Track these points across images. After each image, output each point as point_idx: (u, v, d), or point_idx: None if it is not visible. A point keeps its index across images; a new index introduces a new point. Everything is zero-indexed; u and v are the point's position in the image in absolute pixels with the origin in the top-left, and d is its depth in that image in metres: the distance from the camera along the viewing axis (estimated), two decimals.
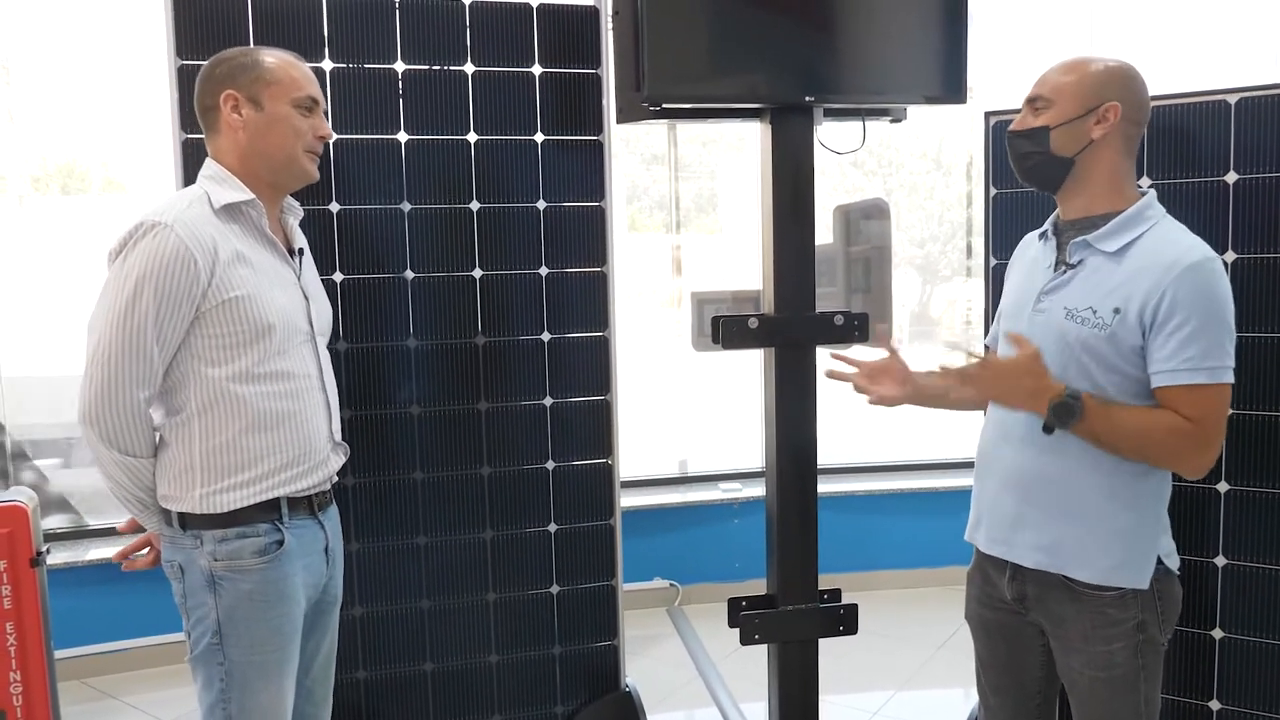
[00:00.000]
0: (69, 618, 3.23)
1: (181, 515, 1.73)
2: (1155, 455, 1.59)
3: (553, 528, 2.57)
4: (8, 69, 3.73)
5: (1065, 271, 1.67)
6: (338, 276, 2.36)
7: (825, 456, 2.40)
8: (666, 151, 4.18)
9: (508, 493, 2.52)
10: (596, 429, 2.56)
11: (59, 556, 3.35)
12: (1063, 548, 1.66)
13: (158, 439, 1.75)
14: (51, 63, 3.61)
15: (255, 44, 2.21)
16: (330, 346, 2.28)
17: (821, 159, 2.29)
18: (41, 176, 3.83)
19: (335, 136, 2.31)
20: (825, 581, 2.39)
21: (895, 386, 1.90)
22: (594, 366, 2.54)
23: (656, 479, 4.10)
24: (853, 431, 4.00)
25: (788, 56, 2.11)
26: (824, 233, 2.50)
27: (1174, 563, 1.69)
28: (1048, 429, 1.58)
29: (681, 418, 4.35)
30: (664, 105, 2.12)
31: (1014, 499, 1.72)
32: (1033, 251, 1.79)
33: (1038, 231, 1.79)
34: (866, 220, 2.71)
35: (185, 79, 2.22)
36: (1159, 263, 1.56)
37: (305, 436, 1.78)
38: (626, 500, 3.79)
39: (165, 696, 3.24)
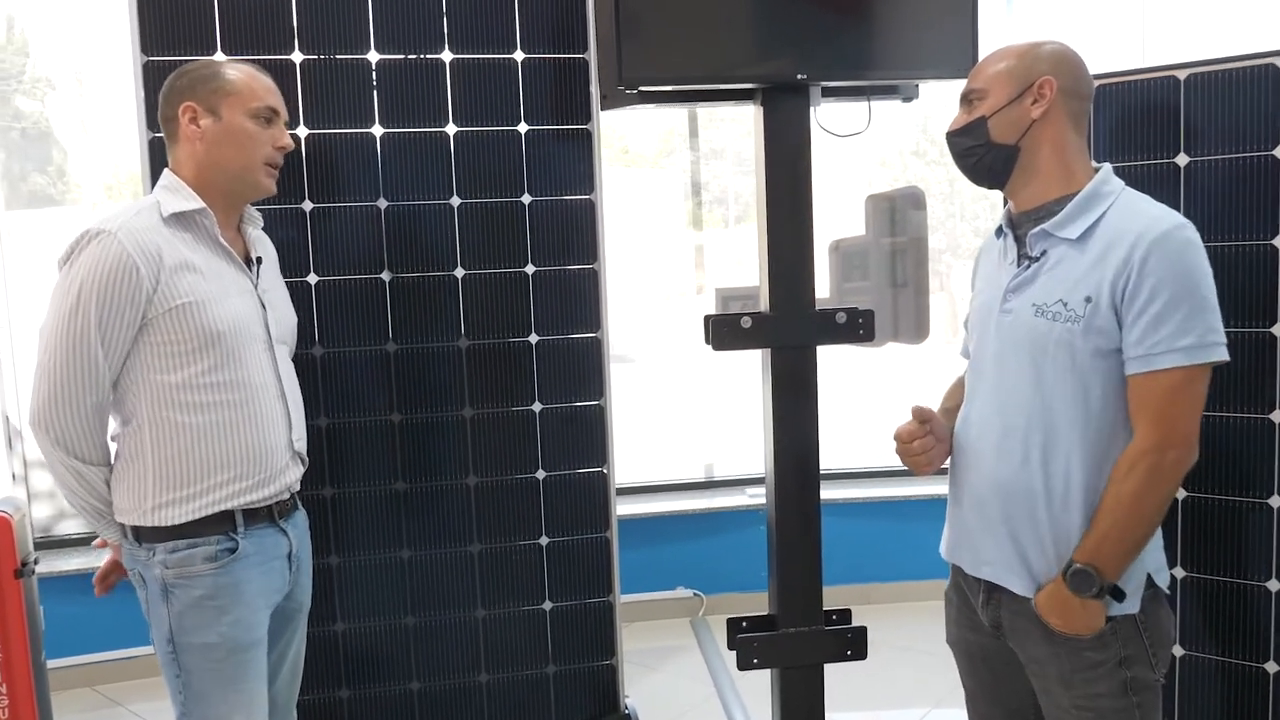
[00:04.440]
0: (81, 624, 3.21)
1: (135, 528, 1.73)
2: (1158, 498, 1.43)
3: (545, 541, 2.46)
4: (80, 80, 3.81)
5: (1028, 266, 1.54)
6: (312, 278, 2.29)
7: (841, 459, 2.22)
8: (688, 140, 4.02)
9: (496, 504, 2.42)
10: (590, 436, 2.45)
11: (73, 562, 3.33)
12: (1027, 558, 1.50)
13: (113, 451, 1.75)
14: (122, 72, 3.67)
15: (222, 38, 2.19)
16: (304, 352, 2.22)
17: (878, 148, 2.12)
18: (114, 184, 3.93)
19: (307, 132, 2.25)
20: (849, 594, 2.21)
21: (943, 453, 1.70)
22: (586, 370, 2.43)
23: (680, 484, 3.98)
24: (866, 431, 3.80)
25: (779, 31, 1.95)
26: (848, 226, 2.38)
27: (1163, 580, 1.52)
28: (1098, 595, 1.45)
29: (708, 420, 4.21)
30: (642, 89, 1.96)
31: (987, 509, 1.54)
32: (993, 252, 1.64)
33: (995, 229, 1.65)
34: (901, 210, 2.52)
35: (151, 76, 2.18)
36: (1124, 239, 1.43)
37: (260, 447, 1.75)
38: (647, 506, 3.72)
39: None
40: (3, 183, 3.70)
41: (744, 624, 2.22)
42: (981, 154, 1.56)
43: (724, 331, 2.09)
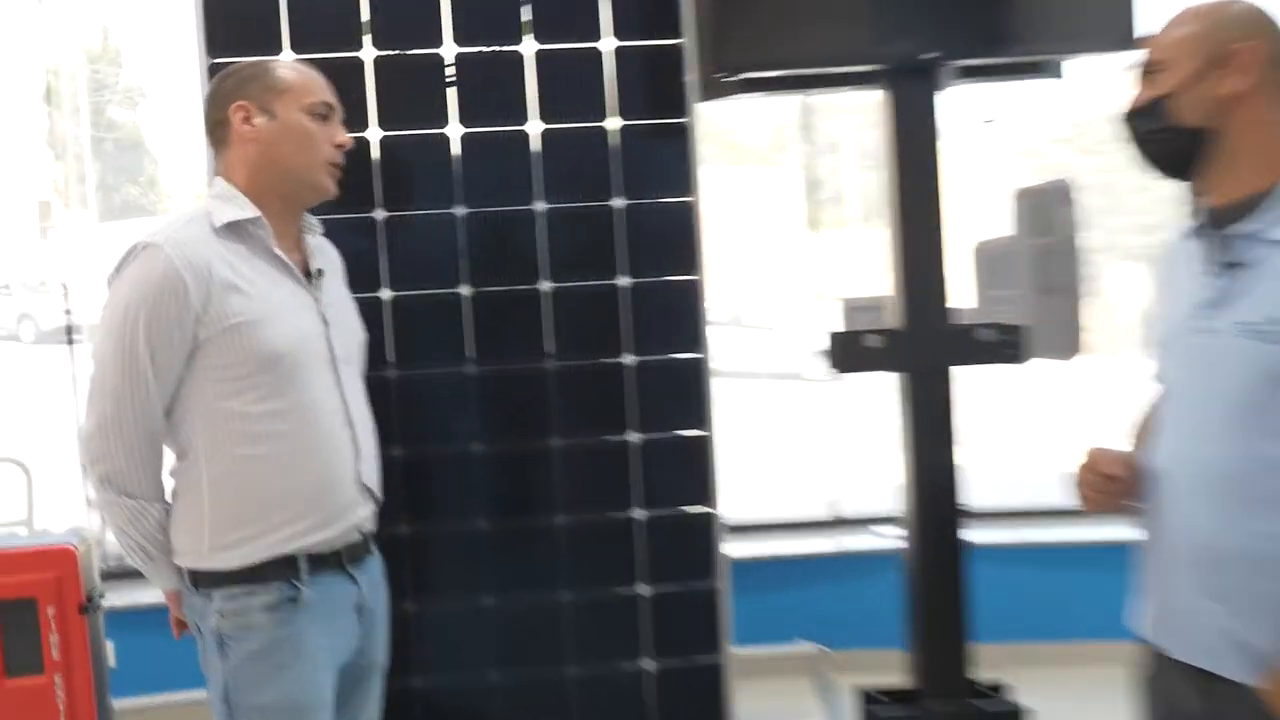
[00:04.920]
0: (159, 660, 3.31)
1: (192, 572, 1.74)
2: None
3: (644, 589, 2.43)
4: (169, 87, 4.03)
5: (1228, 276, 1.40)
6: (385, 294, 2.33)
7: (989, 495, 2.14)
8: (802, 133, 3.98)
9: (588, 547, 2.41)
10: (694, 470, 2.42)
11: (150, 594, 3.45)
12: (1247, 636, 1.36)
13: (171, 487, 1.76)
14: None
15: (290, 35, 2.26)
16: (377, 374, 2.23)
17: (1022, 135, 2.07)
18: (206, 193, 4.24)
19: (380, 134, 2.30)
20: (1003, 654, 2.10)
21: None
22: (688, 394, 2.41)
23: (800, 522, 3.92)
24: (1019, 462, 3.66)
25: (903, 5, 1.90)
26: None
27: None
28: None
29: (831, 448, 4.15)
30: (746, 76, 1.94)
31: (1193, 575, 1.42)
32: (1179, 258, 1.51)
33: (1183, 229, 1.52)
34: (1048, 206, 2.43)
35: None
36: None
37: (323, 481, 1.75)
38: (762, 548, 3.65)
39: None
40: (97, 194, 3.92)
41: (879, 696, 2.14)
42: (1165, 139, 1.45)
43: (850, 352, 2.04)
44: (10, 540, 2.62)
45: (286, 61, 1.82)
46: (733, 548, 2.66)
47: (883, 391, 2.24)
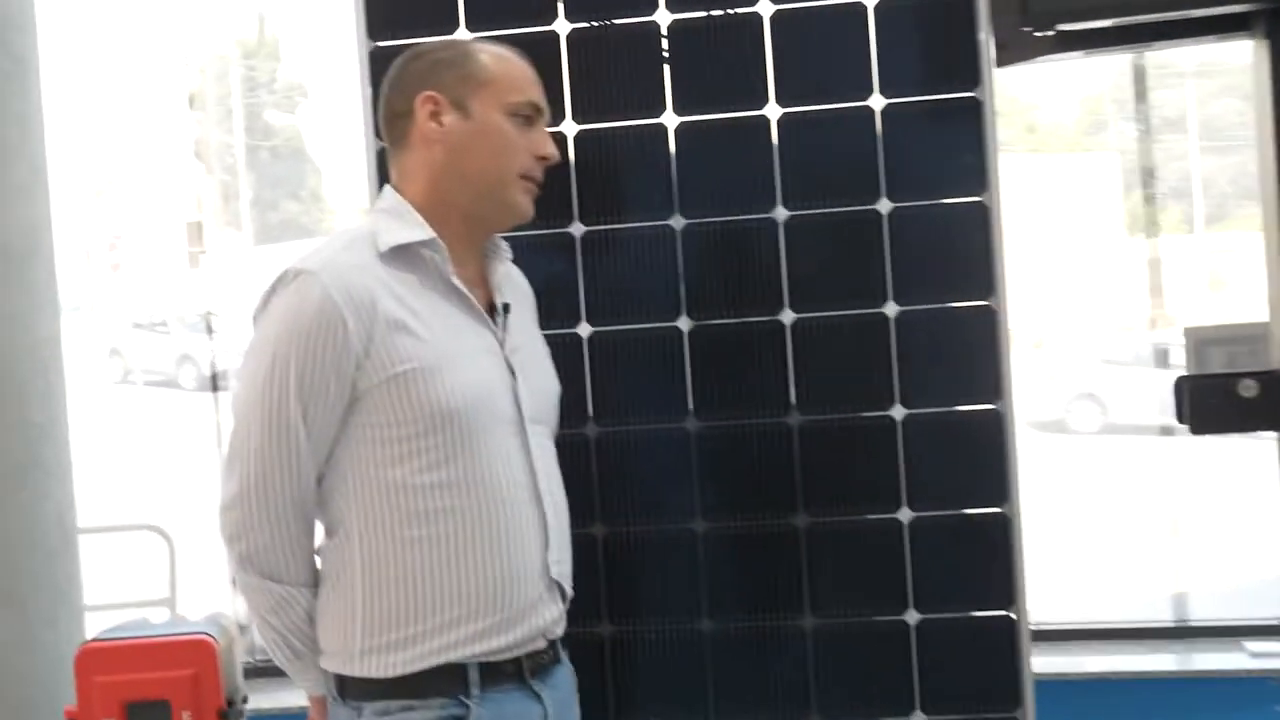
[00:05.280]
0: None
1: (339, 678, 1.79)
2: None
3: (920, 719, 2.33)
4: (332, 85, 4.33)
5: None
6: (583, 329, 2.34)
7: None
8: (1131, 106, 3.80)
9: (845, 659, 2.34)
10: (988, 561, 2.31)
11: (301, 698, 3.58)
12: None
13: (319, 567, 1.82)
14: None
15: (466, 11, 2.31)
16: (572, 433, 2.24)
17: None
18: None
19: (576, 128, 2.32)
20: None
21: None
22: (980, 459, 2.31)
23: (1135, 628, 3.81)
24: None
25: None
26: None
27: None
28: None
29: (1177, 531, 3.97)
30: (1061, 28, 1.85)
31: None
32: None
33: None
34: None
35: (380, 66, 2.30)
36: None
37: (502, 574, 1.77)
38: (1081, 663, 3.49)
39: None
40: (251, 212, 4.17)
41: None
42: None
43: (1209, 403, 1.88)
44: (142, 628, 2.74)
45: (490, 46, 1.86)
46: (1040, 662, 2.53)
47: (1244, 451, 2.09)
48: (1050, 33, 1.89)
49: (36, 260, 3.50)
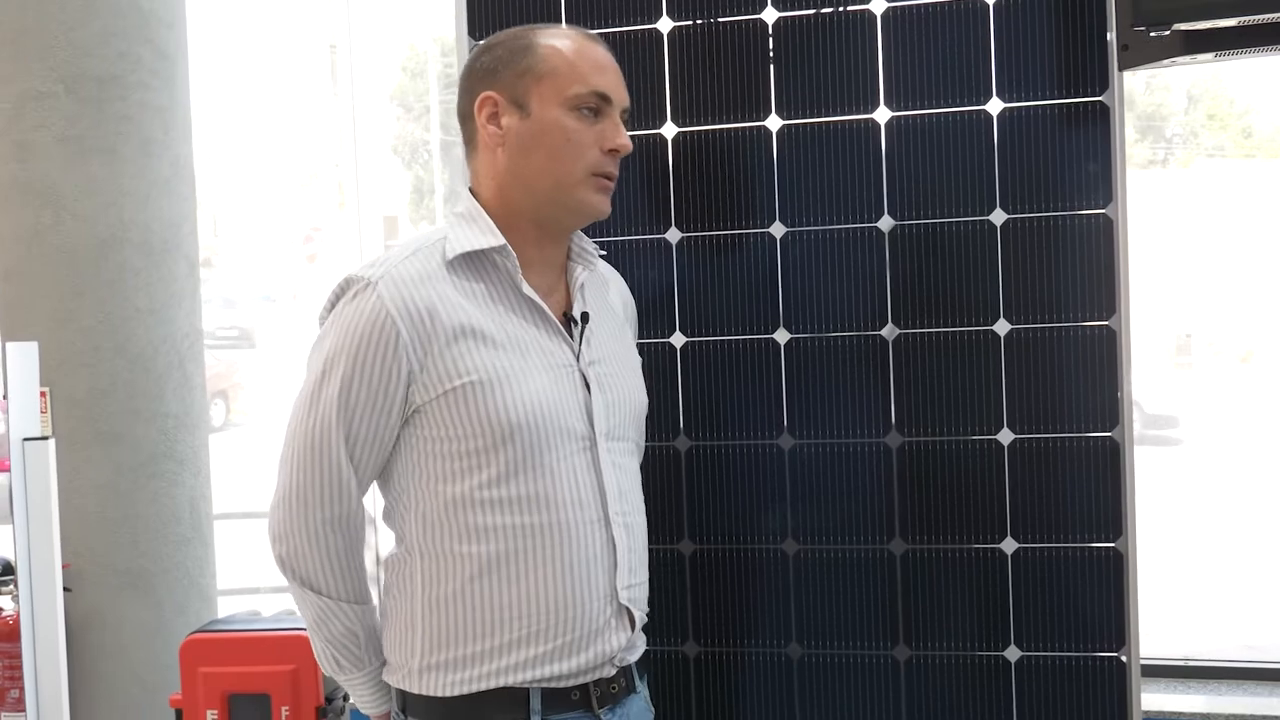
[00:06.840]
0: None
1: (401, 694, 1.77)
2: None
3: None
4: None
5: None
6: (677, 339, 2.31)
7: None
8: None
9: (940, 687, 2.26)
10: (1100, 596, 2.22)
11: None
12: None
13: (383, 581, 1.82)
14: None
15: (567, 6, 2.28)
16: (662, 445, 2.24)
17: None
18: None
19: (675, 130, 2.28)
20: None
21: None
22: (1092, 488, 2.21)
23: (1255, 668, 3.49)
24: None
25: None
26: None
27: None
28: None
29: None
30: (1180, 26, 1.78)
31: None
32: None
33: None
34: None
35: None
36: None
37: (568, 594, 1.74)
38: (1204, 702, 3.29)
39: None
40: (445, 206, 4.19)
41: None
42: None
43: None
44: (249, 621, 2.77)
45: (557, 29, 1.80)
46: (1154, 700, 2.42)
47: None
48: (1166, 33, 1.78)
49: (177, 254, 3.54)
